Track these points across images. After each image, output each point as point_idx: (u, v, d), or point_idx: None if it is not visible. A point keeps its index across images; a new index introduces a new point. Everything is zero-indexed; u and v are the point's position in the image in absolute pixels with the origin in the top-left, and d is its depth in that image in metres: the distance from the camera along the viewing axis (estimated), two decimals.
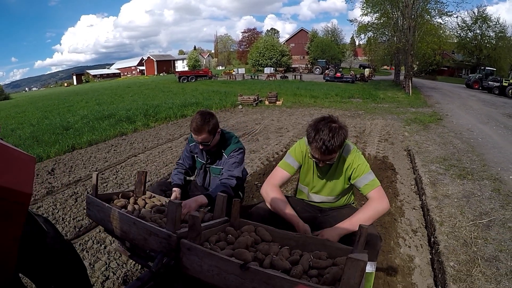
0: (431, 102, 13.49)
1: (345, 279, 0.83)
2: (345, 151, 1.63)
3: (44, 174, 4.67)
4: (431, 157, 4.71)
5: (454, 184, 3.63)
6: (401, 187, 3.70)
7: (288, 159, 1.75)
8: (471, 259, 2.25)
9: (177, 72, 35.31)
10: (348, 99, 14.25)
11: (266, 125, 7.74)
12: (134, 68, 72.96)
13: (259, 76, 32.32)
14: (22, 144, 7.13)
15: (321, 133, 1.43)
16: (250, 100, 11.39)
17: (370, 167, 1.67)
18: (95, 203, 1.45)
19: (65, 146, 6.08)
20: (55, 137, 7.38)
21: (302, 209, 1.76)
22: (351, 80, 25.70)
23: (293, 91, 16.46)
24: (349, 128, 7.03)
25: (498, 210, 2.98)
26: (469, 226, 2.69)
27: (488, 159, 4.62)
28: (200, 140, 1.90)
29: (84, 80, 69.28)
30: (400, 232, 2.67)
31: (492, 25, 34.39)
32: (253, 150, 5.34)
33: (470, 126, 7.53)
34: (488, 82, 21.64)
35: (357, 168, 1.58)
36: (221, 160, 2.05)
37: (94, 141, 6.41)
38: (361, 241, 1.07)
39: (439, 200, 3.20)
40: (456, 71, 42.21)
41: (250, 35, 64.37)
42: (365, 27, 20.72)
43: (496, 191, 3.43)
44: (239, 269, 0.94)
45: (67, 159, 5.42)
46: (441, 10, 17.57)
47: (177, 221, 1.13)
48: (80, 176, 4.37)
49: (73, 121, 9.46)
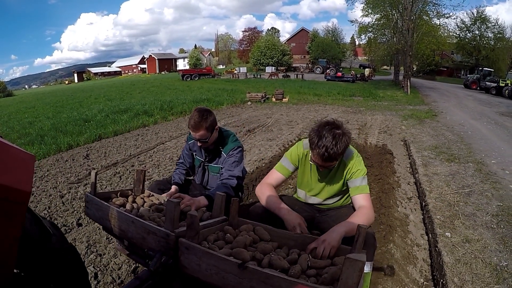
0: (428, 101, 14.15)
1: (343, 279, 0.83)
2: (346, 155, 1.61)
3: (81, 158, 5.27)
4: (424, 146, 5.34)
5: (442, 166, 4.26)
6: (398, 167, 4.32)
7: (284, 161, 1.75)
8: (454, 214, 2.87)
9: (181, 71, 35.81)
10: (349, 97, 14.89)
11: (277, 119, 8.42)
12: (135, 66, 73.43)
13: (261, 75, 32.94)
14: (47, 134, 7.61)
15: (324, 140, 1.41)
16: (258, 97, 12.07)
17: (371, 153, 2.07)
18: (93, 202, 1.44)
19: (93, 135, 6.69)
20: (78, 128, 7.96)
21: (300, 209, 1.77)
22: (352, 80, 26.36)
23: (296, 89, 17.10)
24: (351, 122, 7.77)
25: (478, 184, 3.61)
26: (453, 194, 3.32)
27: (474, 148, 5.25)
28: (198, 137, 1.90)
29: (86, 78, 69.37)
30: (397, 198, 3.29)
31: (491, 26, 34.68)
32: (270, 138, 6.05)
33: (462, 122, 8.18)
34: (485, 83, 22.13)
35: (356, 172, 1.60)
36: (220, 159, 2.05)
37: (119, 131, 7.03)
38: (360, 241, 1.07)
39: (429, 177, 3.82)
40: (455, 71, 42.66)
41: (250, 34, 64.72)
42: (365, 28, 21.35)
43: (478, 170, 4.06)
44: (237, 269, 0.95)
45: (97, 147, 6.02)
46: (439, 12, 18.24)
47: (176, 220, 1.13)
48: (117, 159, 4.97)
49: (90, 114, 10.04)
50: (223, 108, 10.89)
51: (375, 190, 3.47)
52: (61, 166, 4.81)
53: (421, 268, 2.22)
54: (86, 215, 1.55)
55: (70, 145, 6.18)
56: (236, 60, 65.79)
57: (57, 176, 4.31)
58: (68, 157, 5.34)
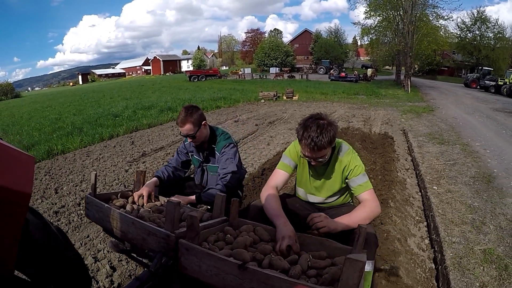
0: (427, 98, 15.08)
1: (343, 279, 0.83)
2: (340, 152, 1.63)
3: (127, 144, 6.23)
4: (420, 133, 6.29)
5: (434, 147, 5.19)
6: (397, 149, 5.25)
7: (285, 159, 1.77)
8: (440, 176, 3.80)
9: (188, 72, 36.46)
10: (354, 95, 15.84)
11: (291, 113, 9.48)
12: (139, 68, 74.36)
13: (267, 76, 33.95)
14: (85, 126, 8.33)
15: (309, 129, 1.44)
16: (270, 95, 13.14)
17: (375, 139, 2.67)
18: (93, 203, 1.45)
19: (130, 127, 7.66)
20: (111, 121, 8.83)
21: (301, 207, 1.79)
22: (355, 80, 27.30)
23: (303, 88, 18.10)
24: (357, 116, 8.93)
25: (462, 158, 4.54)
26: (440, 164, 4.25)
27: (462, 135, 6.19)
28: (186, 132, 1.93)
29: (90, 79, 70.19)
30: (397, 168, 4.21)
31: (491, 26, 35.26)
32: (290, 128, 7.13)
33: (456, 116, 9.11)
34: (485, 81, 22.75)
35: (354, 169, 1.59)
36: (215, 158, 2.09)
37: (152, 124, 8.01)
38: (360, 241, 1.08)
39: (423, 154, 4.76)
40: (456, 71, 43.08)
41: (253, 35, 65.49)
42: (368, 30, 22.25)
43: (463, 150, 4.99)
44: (238, 269, 0.95)
45: (138, 136, 6.99)
46: (438, 14, 19.14)
47: (176, 221, 1.13)
48: (162, 145, 5.93)
49: (117, 111, 10.93)
50: (240, 105, 11.95)
51: (379, 162, 4.39)
52: (111, 151, 5.73)
53: (416, 210, 3.13)
54: (86, 217, 1.55)
55: (111, 135, 7.12)
56: (239, 61, 66.67)
57: (112, 158, 5.24)
58: (114, 144, 6.29)
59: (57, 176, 4.38)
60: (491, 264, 2.16)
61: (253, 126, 7.53)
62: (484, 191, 3.39)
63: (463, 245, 2.39)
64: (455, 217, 2.82)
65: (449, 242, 2.42)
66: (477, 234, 2.55)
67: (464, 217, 2.83)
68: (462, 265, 2.15)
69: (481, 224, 2.70)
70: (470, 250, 2.33)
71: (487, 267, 2.13)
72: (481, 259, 2.22)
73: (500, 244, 2.40)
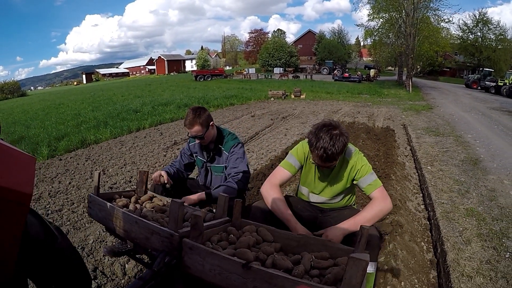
0: (427, 98, 15.80)
1: (346, 279, 0.84)
2: (347, 153, 1.65)
3: (156, 135, 6.95)
4: (418, 127, 7.03)
5: (430, 138, 5.92)
6: (398, 139, 5.98)
7: (290, 159, 1.76)
8: (434, 160, 4.53)
9: (194, 71, 37.00)
10: (357, 95, 16.60)
11: (301, 110, 10.30)
12: (142, 67, 74.85)
13: (272, 76, 34.69)
14: (110, 120, 8.90)
15: (322, 141, 1.45)
16: (279, 94, 13.99)
17: (378, 131, 3.29)
18: (96, 202, 1.46)
19: (155, 121, 8.40)
20: (133, 116, 9.53)
21: (303, 208, 1.80)
22: (358, 80, 27.96)
23: (308, 88, 18.87)
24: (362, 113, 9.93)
25: (454, 147, 5.25)
26: (435, 151, 4.97)
27: (456, 128, 6.91)
28: (194, 133, 1.95)
29: (95, 78, 70.42)
30: (398, 154, 4.93)
31: (493, 27, 35.61)
32: (302, 122, 7.95)
33: (453, 113, 9.84)
34: (485, 82, 23.19)
35: (361, 169, 1.61)
36: (221, 158, 2.09)
37: (174, 118, 8.76)
38: (362, 242, 1.09)
39: (420, 143, 5.48)
40: (458, 72, 43.35)
41: (256, 35, 66.02)
42: (371, 32, 22.94)
43: (456, 141, 5.71)
44: (241, 269, 0.96)
45: (164, 128, 7.73)
46: (440, 16, 19.83)
47: (179, 220, 1.15)
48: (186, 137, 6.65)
49: (135, 107, 11.52)
50: (252, 103, 12.77)
51: (382, 149, 5.11)
52: (143, 141, 6.40)
53: (413, 185, 3.84)
54: (89, 216, 1.56)
55: (138, 128, 7.82)
56: (242, 61, 67.25)
57: (146, 146, 5.94)
58: (144, 135, 7.00)
59: (99, 161, 4.92)
60: (472, 217, 2.83)
61: (269, 121, 8.28)
62: (470, 170, 4.10)
63: (450, 205, 3.08)
64: (444, 187, 3.53)
65: (439, 203, 3.12)
66: (462, 198, 3.25)
67: (452, 187, 3.53)
68: (449, 217, 2.83)
69: (466, 192, 3.40)
70: (456, 208, 3.01)
71: (469, 219, 2.79)
72: (464, 214, 2.90)
73: (480, 205, 3.07)
